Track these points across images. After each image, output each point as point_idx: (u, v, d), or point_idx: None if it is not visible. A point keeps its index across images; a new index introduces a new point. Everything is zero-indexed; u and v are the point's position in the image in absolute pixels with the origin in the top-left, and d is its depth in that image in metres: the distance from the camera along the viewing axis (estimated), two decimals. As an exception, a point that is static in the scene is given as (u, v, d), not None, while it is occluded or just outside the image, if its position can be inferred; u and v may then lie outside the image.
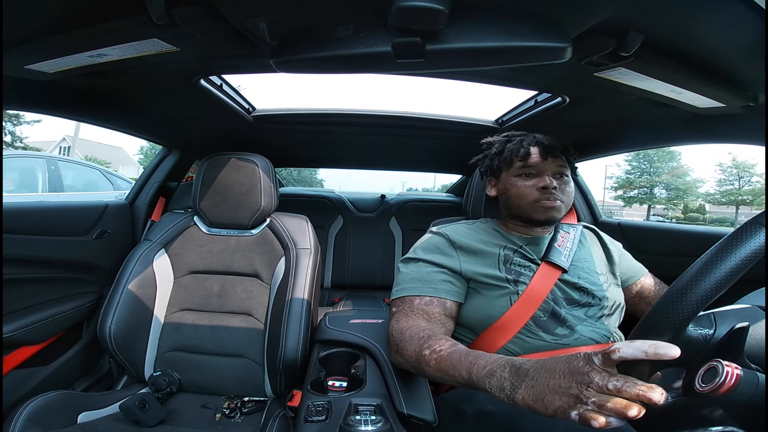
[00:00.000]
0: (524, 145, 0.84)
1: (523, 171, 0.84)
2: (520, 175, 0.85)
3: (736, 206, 21.64)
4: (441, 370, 0.59)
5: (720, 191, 22.71)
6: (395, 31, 0.54)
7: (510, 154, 0.86)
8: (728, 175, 22.24)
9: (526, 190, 0.83)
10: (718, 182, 22.86)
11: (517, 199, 0.84)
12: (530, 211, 0.83)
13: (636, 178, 24.04)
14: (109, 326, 1.00)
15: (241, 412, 0.97)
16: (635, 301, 0.94)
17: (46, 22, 0.61)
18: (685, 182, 23.61)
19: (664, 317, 0.44)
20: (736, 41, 0.58)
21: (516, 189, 0.84)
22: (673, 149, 18.18)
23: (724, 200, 22.48)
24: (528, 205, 0.83)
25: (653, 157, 22.85)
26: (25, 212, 1.02)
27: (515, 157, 0.85)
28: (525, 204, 0.83)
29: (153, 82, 0.94)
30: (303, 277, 1.07)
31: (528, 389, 0.45)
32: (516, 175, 0.85)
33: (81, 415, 0.86)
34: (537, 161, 0.83)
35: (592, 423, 0.38)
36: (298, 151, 1.89)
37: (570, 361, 0.44)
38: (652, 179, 23.55)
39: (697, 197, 24.21)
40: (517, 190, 0.84)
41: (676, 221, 21.25)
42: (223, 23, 0.60)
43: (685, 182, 23.66)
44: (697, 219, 22.47)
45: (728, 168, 22.08)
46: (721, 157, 22.06)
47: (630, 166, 22.85)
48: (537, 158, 0.83)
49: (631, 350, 0.39)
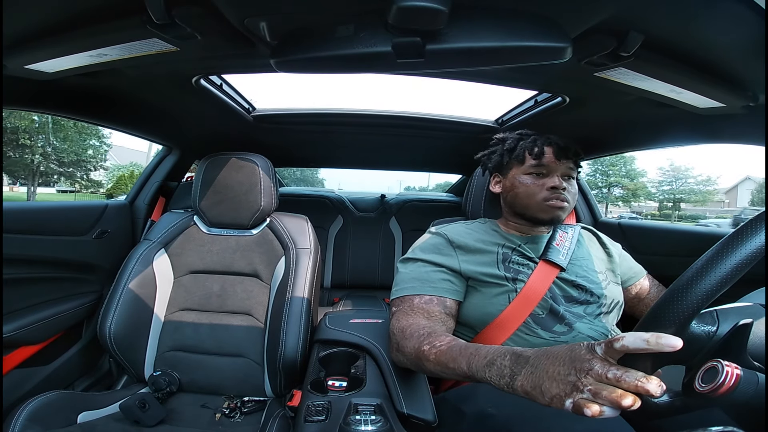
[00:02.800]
0: (538, 144, 0.85)
1: (535, 170, 0.84)
2: (531, 173, 0.85)
3: (674, 203, 25.34)
4: (441, 364, 0.58)
5: (660, 190, 26.34)
6: (395, 31, 0.54)
7: (523, 151, 0.86)
8: (667, 176, 25.79)
9: (536, 189, 0.83)
10: (658, 183, 26.23)
11: (525, 197, 0.85)
12: (537, 210, 0.83)
13: (596, 179, 26.14)
14: (109, 326, 1.00)
15: (241, 412, 0.97)
16: (634, 302, 0.95)
17: (46, 22, 0.61)
18: (635, 184, 26.06)
19: (668, 312, 0.44)
20: (736, 41, 0.57)
21: (525, 187, 0.85)
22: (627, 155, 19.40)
23: (662, 198, 26.06)
24: (536, 204, 0.83)
25: (613, 161, 25.01)
26: (25, 212, 1.02)
27: (529, 155, 0.85)
28: (533, 203, 0.84)
29: (153, 82, 0.94)
30: (303, 277, 1.07)
31: (527, 376, 0.45)
32: (527, 173, 0.85)
33: (81, 414, 0.86)
34: (550, 161, 0.83)
35: (585, 411, 0.38)
36: (297, 151, 1.89)
37: (572, 349, 0.44)
38: (609, 180, 25.70)
39: (645, 196, 26.96)
40: (526, 188, 0.85)
41: (651, 218, 23.78)
42: (223, 23, 0.60)
43: (636, 184, 26.12)
44: (669, 216, 24.80)
45: (667, 171, 25.68)
46: (661, 161, 25.31)
47: (590, 169, 24.74)
48: (551, 158, 0.83)
49: (634, 339, 0.38)
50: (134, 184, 1.49)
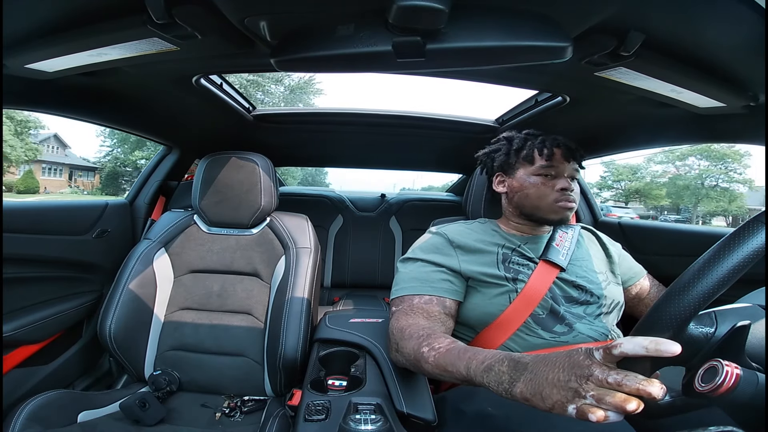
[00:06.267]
0: (548, 145, 0.84)
1: (544, 171, 0.84)
2: (540, 174, 0.84)
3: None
4: (440, 367, 0.58)
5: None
6: (396, 31, 0.54)
7: (532, 151, 0.85)
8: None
9: (547, 190, 0.83)
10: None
11: (536, 198, 0.84)
12: (548, 211, 0.83)
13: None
14: (109, 325, 1.00)
15: (241, 411, 0.97)
16: (634, 302, 0.95)
17: (46, 22, 0.61)
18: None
19: (666, 315, 0.44)
20: (737, 41, 0.57)
21: (536, 188, 0.84)
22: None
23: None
24: (547, 206, 0.83)
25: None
26: (25, 211, 1.02)
27: (539, 155, 0.85)
28: (544, 204, 0.83)
29: (153, 82, 0.94)
30: (303, 276, 1.07)
31: (526, 383, 0.45)
32: (537, 174, 0.85)
33: (81, 414, 0.86)
34: (560, 162, 0.84)
35: (590, 416, 0.38)
36: (297, 151, 1.89)
37: (570, 355, 0.44)
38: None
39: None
40: (537, 190, 0.84)
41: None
42: (224, 22, 0.60)
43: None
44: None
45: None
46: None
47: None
48: (560, 159, 0.84)
49: (632, 345, 0.39)
50: (134, 183, 1.49)
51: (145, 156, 17.81)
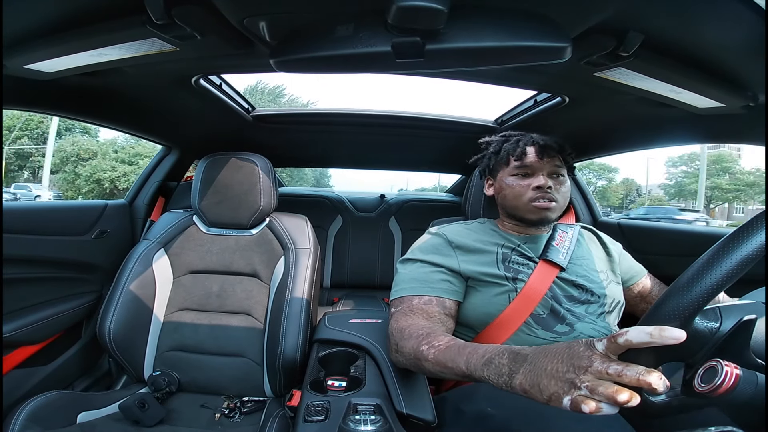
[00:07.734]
0: (520, 145, 0.85)
1: (519, 171, 0.85)
2: (516, 174, 0.85)
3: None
4: (439, 364, 0.58)
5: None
6: (395, 31, 0.54)
7: (506, 153, 0.86)
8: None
9: (521, 190, 0.84)
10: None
11: (512, 198, 0.85)
12: (525, 210, 0.84)
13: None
14: (108, 326, 1.00)
15: (241, 412, 0.97)
16: (636, 301, 0.94)
17: (46, 22, 0.61)
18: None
19: (672, 308, 0.44)
20: (736, 41, 0.57)
21: (511, 189, 0.85)
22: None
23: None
24: (523, 205, 0.84)
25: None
26: (25, 212, 1.02)
27: (511, 156, 0.85)
28: (520, 204, 0.84)
29: (153, 82, 0.94)
30: (302, 277, 1.07)
31: (525, 374, 0.45)
32: (512, 175, 0.86)
33: (80, 414, 0.86)
34: (533, 161, 0.83)
35: (582, 408, 0.38)
36: (297, 151, 1.88)
37: (570, 346, 0.44)
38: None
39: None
40: (512, 190, 0.85)
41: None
42: (223, 23, 0.60)
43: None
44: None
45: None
46: (587, 162, 26.77)
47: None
48: (533, 158, 0.84)
49: (637, 333, 0.38)
50: (133, 183, 1.49)
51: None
